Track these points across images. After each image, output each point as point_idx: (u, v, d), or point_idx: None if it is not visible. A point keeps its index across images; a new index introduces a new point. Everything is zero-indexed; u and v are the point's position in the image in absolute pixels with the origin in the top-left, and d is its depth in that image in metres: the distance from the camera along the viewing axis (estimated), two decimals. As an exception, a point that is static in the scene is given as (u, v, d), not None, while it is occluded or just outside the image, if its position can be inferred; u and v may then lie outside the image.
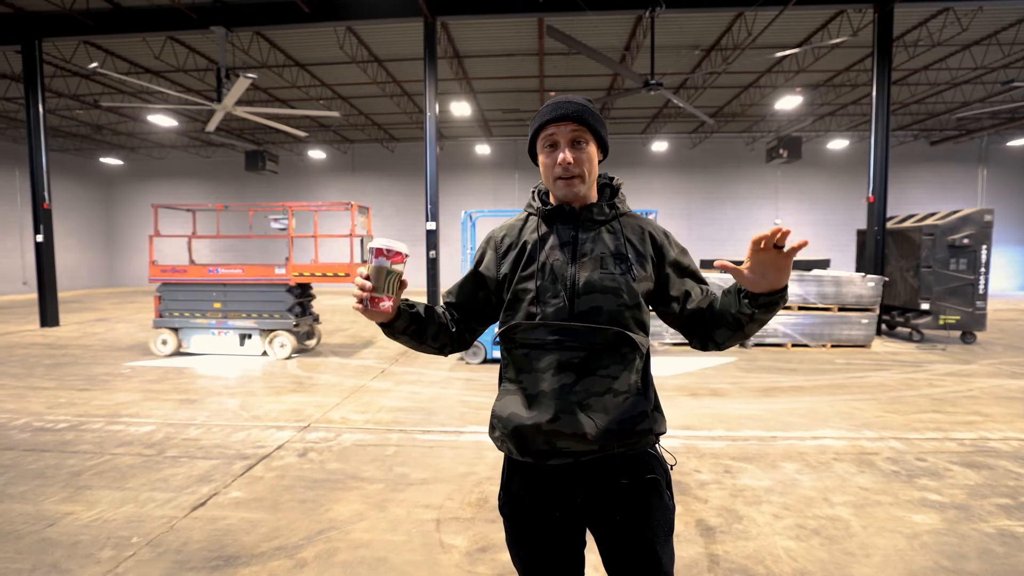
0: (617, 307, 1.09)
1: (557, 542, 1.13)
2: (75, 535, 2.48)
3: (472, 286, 1.24)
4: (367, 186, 19.12)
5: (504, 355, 1.18)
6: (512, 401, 1.12)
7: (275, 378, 5.83)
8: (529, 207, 1.23)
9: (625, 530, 1.09)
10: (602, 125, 1.14)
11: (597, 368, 1.08)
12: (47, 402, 4.80)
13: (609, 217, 1.16)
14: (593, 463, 1.08)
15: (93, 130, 16.25)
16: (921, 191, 17.51)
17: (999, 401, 4.79)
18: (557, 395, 1.07)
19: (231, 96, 7.54)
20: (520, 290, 1.13)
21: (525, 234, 1.18)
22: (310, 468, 3.29)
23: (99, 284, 19.97)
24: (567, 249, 1.12)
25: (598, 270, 1.10)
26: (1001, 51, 10.43)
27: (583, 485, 1.09)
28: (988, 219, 7.62)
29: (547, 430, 1.06)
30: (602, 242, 1.13)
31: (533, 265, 1.13)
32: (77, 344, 7.91)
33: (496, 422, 1.15)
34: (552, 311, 1.09)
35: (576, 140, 1.11)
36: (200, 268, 7.02)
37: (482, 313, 1.25)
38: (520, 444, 1.10)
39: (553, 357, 1.08)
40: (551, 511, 1.11)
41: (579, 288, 1.09)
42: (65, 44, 10.03)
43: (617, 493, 1.09)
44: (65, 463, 3.36)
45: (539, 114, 1.15)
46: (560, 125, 1.11)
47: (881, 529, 2.54)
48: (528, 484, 1.13)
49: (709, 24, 9.63)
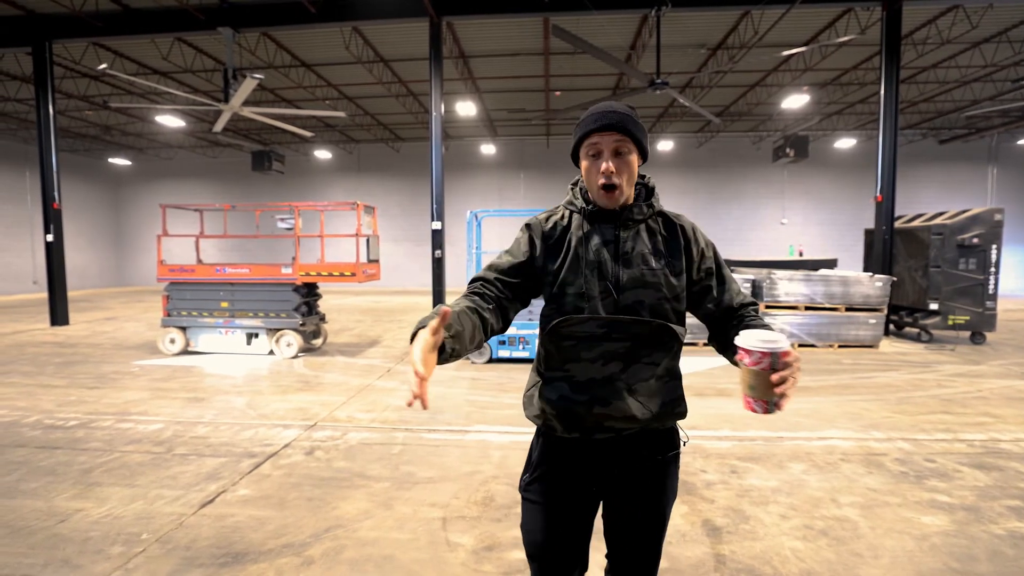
0: (657, 300, 1.17)
1: (581, 517, 1.20)
2: (86, 531, 2.51)
3: (521, 269, 1.22)
4: (372, 186, 19.18)
5: (547, 347, 1.21)
6: (560, 387, 1.18)
7: (282, 377, 5.86)
8: (571, 204, 1.26)
9: (646, 499, 1.19)
10: (643, 133, 1.19)
11: (642, 356, 1.16)
12: (57, 400, 4.85)
13: (647, 216, 1.22)
14: (632, 437, 1.18)
15: (102, 131, 16.40)
16: (930, 190, 17.35)
17: (1009, 402, 4.74)
18: (607, 382, 1.15)
19: (238, 96, 7.59)
20: (568, 285, 1.18)
21: (570, 230, 1.22)
22: (317, 466, 3.31)
23: (108, 283, 20.16)
24: (610, 247, 1.18)
25: (640, 266, 1.17)
26: (1011, 48, 10.32)
27: (620, 458, 1.19)
28: (998, 218, 7.54)
29: (598, 413, 1.15)
30: (642, 240, 1.20)
31: (580, 262, 1.18)
32: (87, 343, 7.99)
33: (542, 403, 1.20)
34: (600, 305, 1.15)
35: (619, 151, 1.16)
36: (207, 267, 7.07)
37: (523, 297, 1.24)
38: (568, 422, 1.17)
39: (601, 348, 1.15)
40: (588, 484, 1.19)
41: (623, 283, 1.16)
42: (75, 46, 10.13)
43: (648, 465, 1.20)
44: (76, 460, 3.40)
45: (584, 122, 1.19)
46: (604, 135, 1.16)
47: (889, 530, 2.52)
48: (569, 459, 1.20)
49: (715, 23, 9.59)
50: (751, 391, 0.99)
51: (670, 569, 2.21)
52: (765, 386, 0.96)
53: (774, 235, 18.06)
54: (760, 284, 7.65)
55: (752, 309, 1.24)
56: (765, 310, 7.54)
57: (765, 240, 18.02)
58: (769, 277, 7.58)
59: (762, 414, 1.00)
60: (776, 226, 18.12)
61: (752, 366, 0.97)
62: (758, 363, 0.96)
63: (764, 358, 0.96)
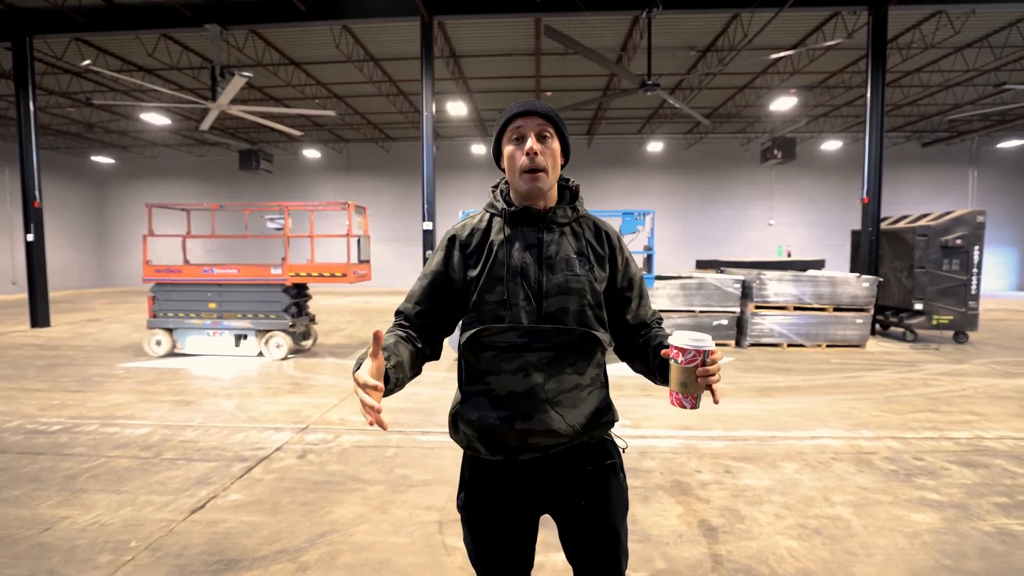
0: (581, 307, 1.13)
1: (520, 534, 1.17)
2: (72, 539, 2.45)
3: (441, 291, 1.19)
4: (362, 186, 19.05)
5: (467, 357, 1.16)
6: (479, 403, 1.13)
7: (272, 379, 5.78)
8: (492, 207, 1.22)
9: (590, 512, 1.15)
10: (565, 127, 1.18)
11: (565, 366, 1.12)
12: (40, 404, 4.74)
13: (571, 219, 1.19)
14: (560, 454, 1.14)
15: (85, 128, 16.07)
16: (913, 192, 17.69)
17: (993, 400, 4.84)
18: (528, 395, 1.10)
19: (226, 94, 7.48)
20: (488, 293, 1.13)
21: (491, 235, 1.17)
22: (310, 470, 3.27)
23: (90, 284, 19.76)
24: (533, 251, 1.14)
25: (563, 272, 1.13)
26: (992, 54, 10.55)
27: (551, 476, 1.14)
28: (980, 220, 7.71)
29: (520, 429, 1.09)
30: (566, 244, 1.16)
31: (501, 268, 1.13)
32: (69, 345, 7.82)
33: (463, 425, 1.15)
34: (521, 314, 1.11)
35: (543, 134, 1.14)
36: (195, 268, 6.95)
37: (451, 318, 1.22)
38: (491, 444, 1.12)
39: (522, 359, 1.10)
40: (519, 505, 1.15)
41: (546, 290, 1.12)
42: (57, 41, 9.90)
43: (582, 480, 1.15)
44: (60, 466, 3.32)
45: (506, 112, 1.18)
46: (528, 119, 1.14)
47: (882, 528, 2.55)
48: (497, 481, 1.15)
49: (705, 25, 9.67)
50: (683, 388, 1.03)
51: (668, 570, 2.21)
52: (695, 382, 1.02)
53: (762, 236, 18.27)
54: (750, 284, 7.72)
55: (658, 321, 1.26)
56: (755, 310, 7.63)
57: (753, 240, 18.22)
58: (759, 277, 7.66)
59: (689, 409, 1.05)
60: (764, 227, 18.33)
61: (686, 364, 1.01)
62: (692, 361, 1.01)
63: (697, 356, 1.00)
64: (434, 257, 1.22)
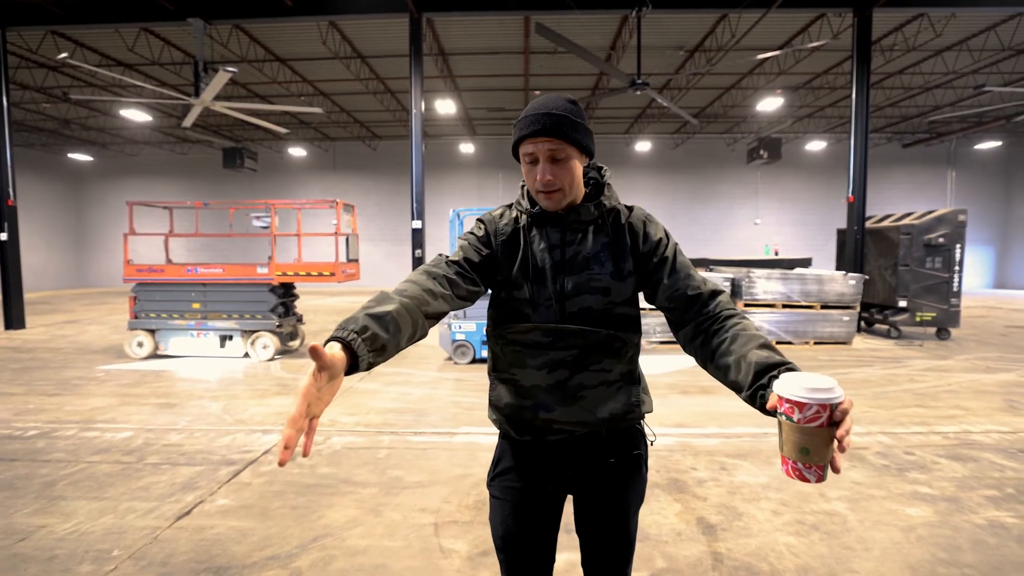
0: (606, 306, 1.11)
1: (544, 512, 1.18)
2: (50, 549, 2.34)
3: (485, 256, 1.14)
4: (349, 184, 18.83)
5: (494, 349, 1.18)
6: (507, 391, 1.17)
7: (258, 380, 5.66)
8: (519, 206, 1.19)
9: (605, 501, 1.17)
10: (582, 132, 1.09)
11: (590, 364, 1.11)
12: (15, 408, 4.56)
13: (595, 216, 1.14)
14: (586, 437, 1.15)
15: (61, 124, 15.61)
16: (894, 192, 18.03)
17: (977, 395, 4.93)
18: (551, 389, 1.11)
19: (210, 90, 7.30)
20: (515, 289, 1.13)
21: (519, 233, 1.17)
22: (300, 473, 3.19)
23: (67, 285, 19.22)
24: (555, 252, 1.13)
25: (585, 272, 1.11)
26: (971, 57, 10.79)
27: (574, 459, 1.16)
28: (962, 219, 7.87)
29: (544, 418, 1.12)
30: (588, 243, 1.13)
31: (527, 266, 1.13)
32: (45, 347, 7.58)
33: (493, 410, 1.21)
34: (544, 314, 1.11)
35: (554, 157, 1.07)
36: (178, 267, 6.78)
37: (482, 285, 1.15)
38: (518, 427, 1.16)
39: (547, 356, 1.11)
40: (544, 484, 1.17)
41: (568, 291, 1.11)
42: (31, 33, 9.60)
43: (605, 467, 1.16)
44: (37, 472, 3.19)
45: (519, 124, 1.09)
46: (537, 141, 1.06)
47: (877, 523, 2.56)
48: (524, 459, 1.18)
49: (694, 25, 9.73)
50: (803, 456, 0.74)
51: (669, 569, 2.19)
52: (823, 447, 0.73)
53: (749, 235, 18.48)
54: (739, 283, 7.79)
55: (727, 309, 1.05)
56: (744, 308, 7.69)
57: (740, 240, 18.42)
58: (748, 276, 7.72)
59: (815, 483, 0.75)
60: (750, 226, 18.54)
61: (806, 424, 0.73)
62: (814, 419, 0.73)
63: (822, 411, 0.72)
64: (473, 234, 1.18)
